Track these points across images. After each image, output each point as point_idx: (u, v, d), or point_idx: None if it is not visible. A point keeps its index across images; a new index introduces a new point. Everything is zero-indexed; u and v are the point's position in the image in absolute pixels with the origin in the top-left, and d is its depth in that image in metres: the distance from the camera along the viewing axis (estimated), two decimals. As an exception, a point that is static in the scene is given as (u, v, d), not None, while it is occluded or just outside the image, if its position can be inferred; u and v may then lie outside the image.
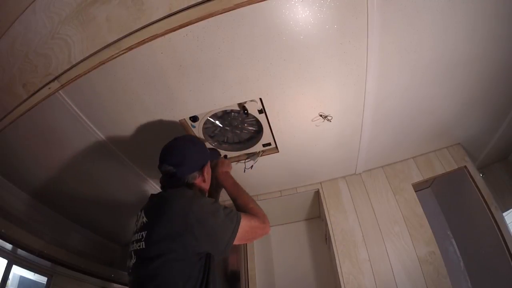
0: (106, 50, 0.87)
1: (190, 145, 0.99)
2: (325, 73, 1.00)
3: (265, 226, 0.93)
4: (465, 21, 0.92)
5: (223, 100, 1.06)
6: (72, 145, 1.21)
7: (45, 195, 1.52)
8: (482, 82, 1.18)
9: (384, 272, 1.40)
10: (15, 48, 1.02)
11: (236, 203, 0.99)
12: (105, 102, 1.04)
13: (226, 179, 1.09)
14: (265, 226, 0.93)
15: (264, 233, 0.94)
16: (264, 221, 0.93)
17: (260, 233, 0.93)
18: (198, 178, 0.96)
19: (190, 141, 1.02)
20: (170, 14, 0.80)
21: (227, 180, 1.08)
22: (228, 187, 1.06)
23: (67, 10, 0.92)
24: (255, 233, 0.91)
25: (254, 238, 0.95)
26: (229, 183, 1.07)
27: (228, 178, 1.09)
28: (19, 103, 1.05)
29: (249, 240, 0.93)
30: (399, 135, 1.41)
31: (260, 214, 0.94)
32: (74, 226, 1.79)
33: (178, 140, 1.00)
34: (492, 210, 1.39)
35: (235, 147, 1.36)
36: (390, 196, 1.57)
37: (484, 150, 1.68)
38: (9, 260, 1.44)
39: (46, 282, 1.63)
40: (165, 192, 0.92)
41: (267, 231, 0.94)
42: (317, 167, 1.58)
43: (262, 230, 0.92)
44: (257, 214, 0.93)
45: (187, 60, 0.90)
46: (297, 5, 0.79)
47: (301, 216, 2.10)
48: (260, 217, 0.93)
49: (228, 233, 0.82)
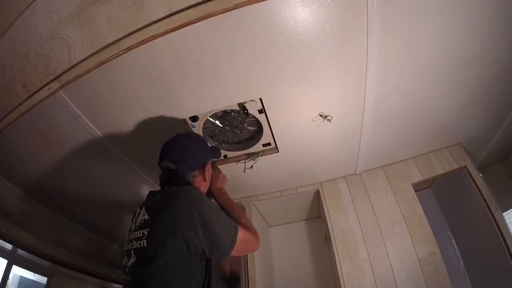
0: (106, 50, 0.87)
1: (192, 142, 0.96)
2: (325, 73, 1.00)
3: (257, 241, 0.93)
4: (465, 21, 0.92)
5: (223, 100, 1.06)
6: (72, 145, 1.21)
7: (45, 195, 1.52)
8: (482, 82, 1.17)
9: (384, 272, 1.40)
10: (15, 48, 1.02)
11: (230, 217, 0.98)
12: (105, 102, 1.04)
13: (220, 195, 1.07)
14: (257, 241, 0.93)
15: (255, 248, 0.94)
16: (256, 237, 0.93)
17: (251, 247, 0.93)
18: (199, 177, 0.94)
19: (191, 137, 0.99)
20: (170, 14, 0.80)
21: (221, 196, 1.07)
22: (221, 203, 1.03)
23: (67, 10, 0.92)
24: (247, 246, 0.90)
25: (245, 251, 0.94)
26: (223, 199, 1.05)
27: (222, 194, 1.08)
28: (19, 103, 1.05)
29: (241, 253, 0.89)
30: (399, 135, 1.41)
31: (253, 230, 0.94)
32: (74, 226, 1.79)
33: (180, 137, 0.97)
34: (492, 210, 1.39)
35: (235, 147, 1.36)
36: (390, 196, 1.57)
37: (484, 150, 1.68)
38: (9, 260, 1.44)
39: (46, 282, 1.63)
40: (169, 189, 0.87)
41: (257, 246, 0.94)
42: (317, 167, 1.58)
43: (254, 244, 0.92)
44: (251, 229, 0.93)
45: (187, 60, 0.90)
46: (297, 5, 0.79)
47: (301, 216, 2.10)
48: (253, 232, 0.93)
49: (229, 239, 0.82)
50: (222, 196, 1.06)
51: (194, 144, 0.96)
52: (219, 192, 1.08)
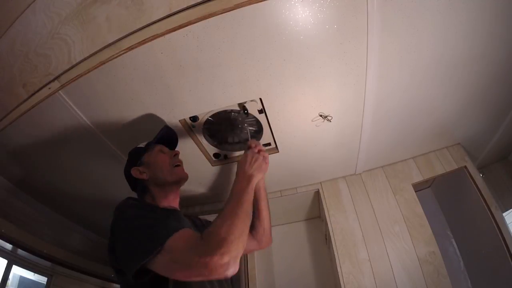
0: (106, 50, 0.87)
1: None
2: (325, 73, 0.99)
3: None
4: (465, 21, 0.92)
5: (223, 100, 1.06)
6: (72, 145, 1.21)
7: (45, 195, 1.52)
8: (482, 82, 1.17)
9: (384, 272, 1.40)
10: (15, 48, 1.02)
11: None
12: (105, 102, 1.04)
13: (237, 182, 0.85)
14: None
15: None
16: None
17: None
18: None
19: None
20: (170, 14, 0.80)
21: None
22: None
23: (67, 10, 0.92)
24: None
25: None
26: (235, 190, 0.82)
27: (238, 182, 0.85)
28: (19, 103, 1.05)
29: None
30: (399, 135, 1.41)
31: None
32: (74, 226, 1.79)
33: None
34: (492, 210, 1.38)
35: (235, 147, 1.36)
36: (390, 196, 1.56)
37: (484, 150, 1.68)
38: (9, 260, 1.45)
39: (46, 282, 1.64)
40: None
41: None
42: (317, 167, 1.58)
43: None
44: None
45: (187, 60, 0.90)
46: (297, 5, 0.79)
47: (301, 216, 2.10)
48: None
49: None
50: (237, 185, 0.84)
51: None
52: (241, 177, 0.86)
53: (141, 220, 0.71)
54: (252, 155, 0.93)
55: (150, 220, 0.71)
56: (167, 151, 1.00)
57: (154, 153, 0.96)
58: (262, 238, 1.08)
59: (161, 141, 1.02)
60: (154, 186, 0.92)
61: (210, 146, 1.32)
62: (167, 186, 0.92)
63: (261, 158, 0.92)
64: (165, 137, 1.04)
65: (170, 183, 0.92)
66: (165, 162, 0.95)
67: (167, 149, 1.02)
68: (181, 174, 0.96)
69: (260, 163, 0.91)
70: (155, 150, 0.97)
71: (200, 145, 1.29)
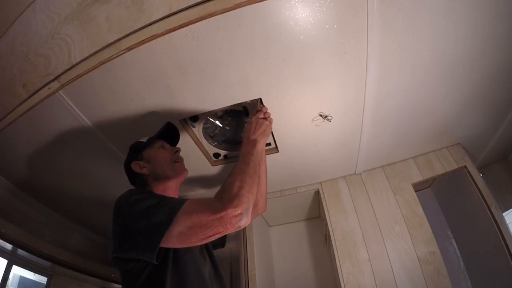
0: (106, 50, 0.87)
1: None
2: (325, 73, 1.00)
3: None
4: (465, 21, 0.92)
5: (223, 100, 1.06)
6: (72, 145, 1.21)
7: (46, 195, 1.52)
8: (482, 82, 1.17)
9: (384, 272, 1.40)
10: (15, 48, 1.02)
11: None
12: (105, 102, 1.04)
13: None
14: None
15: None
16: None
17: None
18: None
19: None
20: (170, 14, 0.80)
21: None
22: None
23: (67, 10, 0.92)
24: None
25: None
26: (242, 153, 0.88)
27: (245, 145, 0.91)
28: (19, 103, 1.05)
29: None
30: (399, 135, 1.41)
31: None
32: (74, 226, 1.79)
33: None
34: (492, 210, 1.38)
35: (235, 147, 1.36)
36: (390, 196, 1.57)
37: (484, 150, 1.68)
38: (9, 260, 1.44)
39: (46, 282, 1.63)
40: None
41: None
42: (317, 167, 1.58)
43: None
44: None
45: (187, 60, 0.90)
46: (297, 5, 0.79)
47: (301, 216, 2.10)
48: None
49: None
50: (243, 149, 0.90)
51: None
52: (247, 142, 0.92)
53: (150, 200, 0.73)
54: (257, 121, 0.97)
55: (158, 199, 0.74)
56: (168, 147, 1.02)
57: (155, 149, 0.98)
58: (258, 200, 1.10)
59: (163, 137, 1.03)
60: (153, 181, 0.93)
61: (210, 146, 1.32)
62: (167, 182, 0.94)
63: (266, 124, 0.97)
64: (167, 133, 1.05)
65: (170, 179, 0.94)
66: (165, 158, 0.96)
67: (168, 145, 1.03)
68: (181, 170, 0.98)
69: (264, 129, 0.96)
70: (156, 145, 0.99)
71: (200, 145, 1.29)
